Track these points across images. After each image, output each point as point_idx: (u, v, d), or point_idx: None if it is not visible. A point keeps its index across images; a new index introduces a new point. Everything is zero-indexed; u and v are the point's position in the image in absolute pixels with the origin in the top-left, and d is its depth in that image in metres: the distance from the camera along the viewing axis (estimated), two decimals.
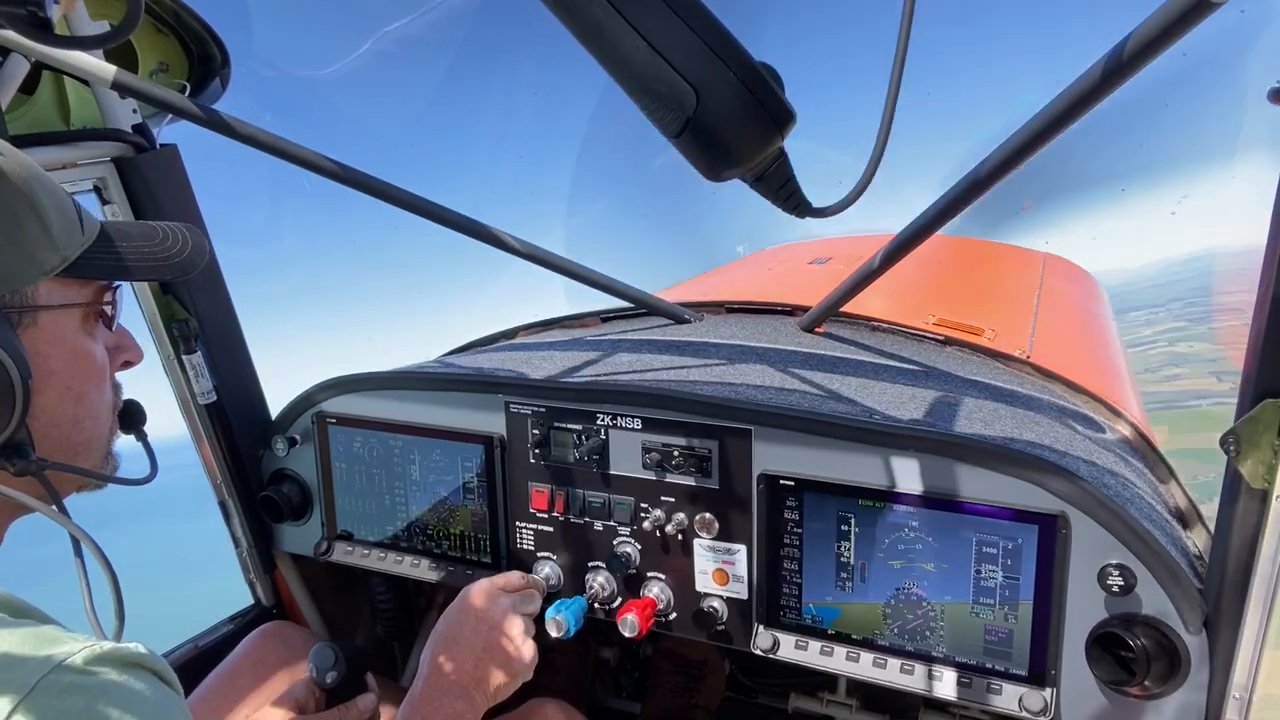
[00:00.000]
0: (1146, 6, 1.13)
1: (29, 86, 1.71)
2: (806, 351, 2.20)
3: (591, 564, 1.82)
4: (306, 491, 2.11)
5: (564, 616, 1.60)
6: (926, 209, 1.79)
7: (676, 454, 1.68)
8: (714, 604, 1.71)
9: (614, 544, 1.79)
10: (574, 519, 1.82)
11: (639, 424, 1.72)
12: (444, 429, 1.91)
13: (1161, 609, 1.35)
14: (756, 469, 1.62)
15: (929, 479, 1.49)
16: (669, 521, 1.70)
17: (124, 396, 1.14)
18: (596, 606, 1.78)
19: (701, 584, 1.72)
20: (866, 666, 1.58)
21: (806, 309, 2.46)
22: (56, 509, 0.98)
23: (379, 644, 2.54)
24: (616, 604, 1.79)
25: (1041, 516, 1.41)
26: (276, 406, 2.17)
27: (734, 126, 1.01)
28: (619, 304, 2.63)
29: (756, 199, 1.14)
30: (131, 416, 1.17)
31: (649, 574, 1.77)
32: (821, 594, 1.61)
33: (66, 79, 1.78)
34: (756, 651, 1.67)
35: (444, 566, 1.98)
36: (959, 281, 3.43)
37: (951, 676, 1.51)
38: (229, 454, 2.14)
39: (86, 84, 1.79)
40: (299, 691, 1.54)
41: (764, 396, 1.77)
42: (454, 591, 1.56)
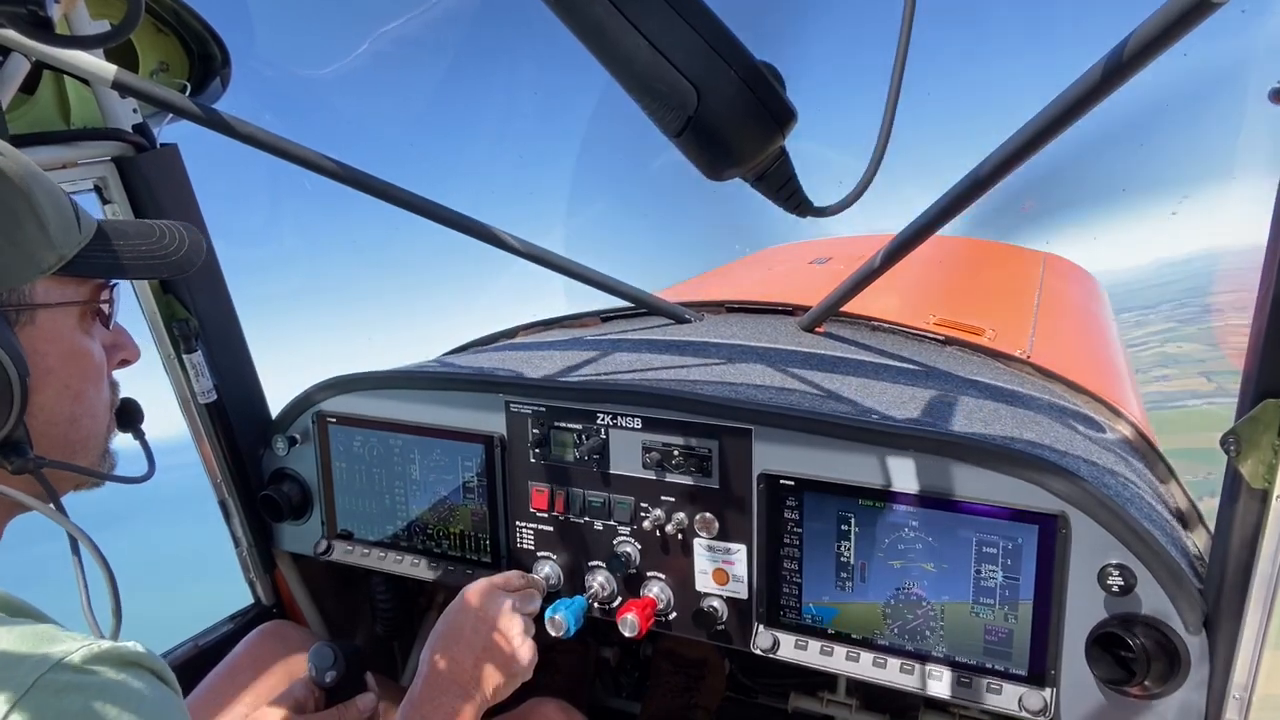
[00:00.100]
0: (1147, 6, 1.13)
1: (29, 86, 1.71)
2: (807, 351, 2.20)
3: (591, 563, 1.82)
4: (306, 491, 2.11)
5: (564, 616, 1.59)
6: (927, 209, 1.79)
7: (676, 453, 1.68)
8: (714, 604, 1.71)
9: (614, 544, 1.79)
10: (574, 518, 1.82)
11: (639, 423, 1.72)
12: (444, 428, 1.91)
13: (1161, 609, 1.35)
14: (756, 469, 1.62)
15: (929, 479, 1.49)
16: (669, 521, 1.70)
17: (121, 395, 1.14)
18: (596, 606, 1.78)
19: (701, 584, 1.72)
20: (866, 666, 1.58)
21: (807, 309, 2.46)
22: (54, 507, 0.98)
23: (379, 643, 2.54)
24: (616, 603, 1.79)
25: (1041, 516, 1.40)
26: (277, 406, 2.17)
27: (735, 125, 1.01)
28: (619, 304, 2.63)
29: (757, 198, 1.14)
30: (129, 415, 1.16)
31: (649, 573, 1.77)
32: (821, 594, 1.61)
33: (67, 78, 1.78)
34: (756, 651, 1.67)
35: (444, 566, 1.98)
36: (959, 281, 3.43)
37: (951, 676, 1.51)
38: (229, 453, 2.14)
39: (87, 83, 1.79)
40: (298, 691, 1.53)
41: (764, 396, 1.76)
42: (454, 591, 1.56)
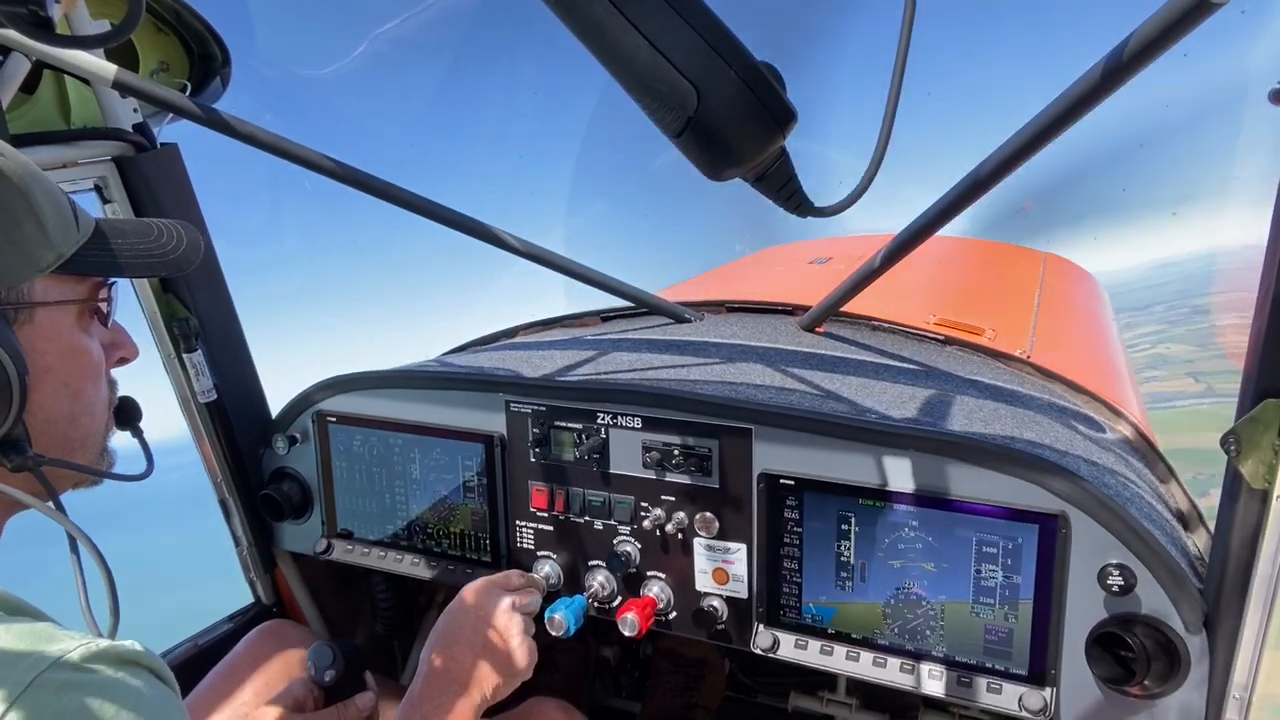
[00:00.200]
0: (1147, 6, 1.13)
1: (30, 85, 1.71)
2: (807, 351, 2.20)
3: (591, 563, 1.82)
4: (307, 490, 2.11)
5: (564, 615, 1.59)
6: (927, 209, 1.79)
7: (676, 453, 1.68)
8: (714, 603, 1.71)
9: (614, 543, 1.79)
10: (574, 518, 1.82)
11: (639, 423, 1.72)
12: (444, 428, 1.91)
13: (1161, 609, 1.35)
14: (756, 468, 1.62)
15: (929, 478, 1.49)
16: (669, 521, 1.70)
17: (120, 393, 1.14)
18: (596, 605, 1.78)
19: (701, 583, 1.72)
20: (866, 666, 1.58)
21: (807, 308, 2.45)
22: (53, 506, 0.98)
23: (379, 643, 2.54)
24: (616, 603, 1.79)
25: (1042, 516, 1.41)
26: (277, 405, 2.17)
27: (735, 126, 1.00)
28: (619, 303, 2.63)
29: (757, 198, 1.14)
30: (127, 413, 1.17)
31: (649, 573, 1.77)
32: (821, 593, 1.61)
33: (67, 78, 1.78)
34: (756, 651, 1.67)
35: (444, 565, 1.98)
36: (959, 281, 3.43)
37: (951, 676, 1.51)
38: (229, 452, 2.14)
39: (87, 83, 1.79)
40: (298, 690, 1.54)
41: (764, 396, 1.76)
42: (454, 590, 1.56)
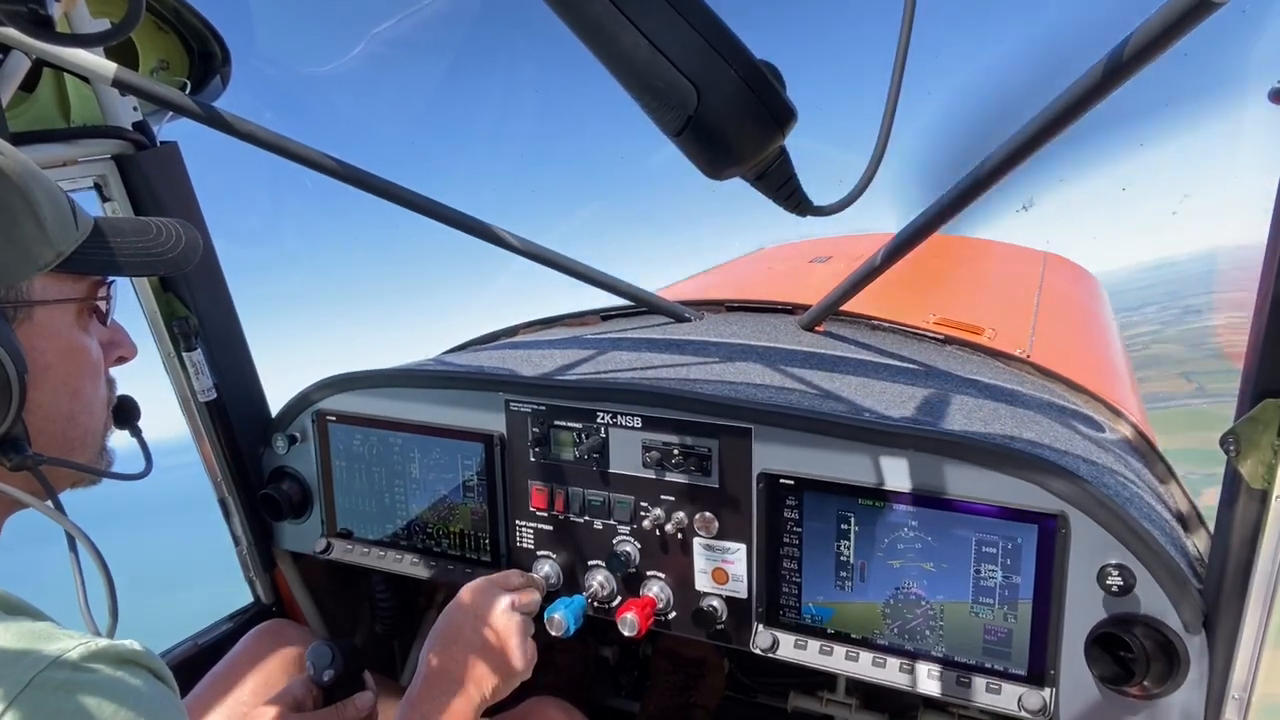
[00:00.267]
0: (1147, 6, 1.13)
1: (30, 84, 1.71)
2: (806, 350, 2.20)
3: (591, 563, 1.82)
4: (306, 489, 2.11)
5: (563, 615, 1.59)
6: (927, 208, 1.79)
7: (676, 453, 1.68)
8: (713, 603, 1.71)
9: (613, 543, 1.79)
10: (573, 517, 1.82)
11: (639, 422, 1.72)
12: (444, 427, 1.91)
13: (1161, 609, 1.35)
14: (756, 468, 1.62)
15: (929, 478, 1.49)
16: (668, 520, 1.70)
17: (119, 392, 1.14)
18: (596, 605, 1.78)
19: (701, 583, 1.72)
20: (866, 666, 1.58)
21: (807, 308, 2.45)
22: (52, 505, 0.98)
23: (379, 642, 2.54)
24: (616, 603, 1.79)
25: (1041, 516, 1.40)
26: (277, 405, 2.17)
27: (735, 125, 1.00)
28: (619, 302, 2.63)
29: (757, 197, 1.13)
30: (126, 412, 1.17)
31: (648, 573, 1.77)
32: (821, 593, 1.61)
33: (67, 76, 1.78)
34: (756, 651, 1.67)
35: (444, 565, 1.98)
36: (959, 281, 3.43)
37: (950, 676, 1.51)
38: (229, 452, 2.14)
39: (87, 81, 1.79)
40: (296, 689, 1.53)
41: (764, 395, 1.76)
42: (454, 590, 1.56)
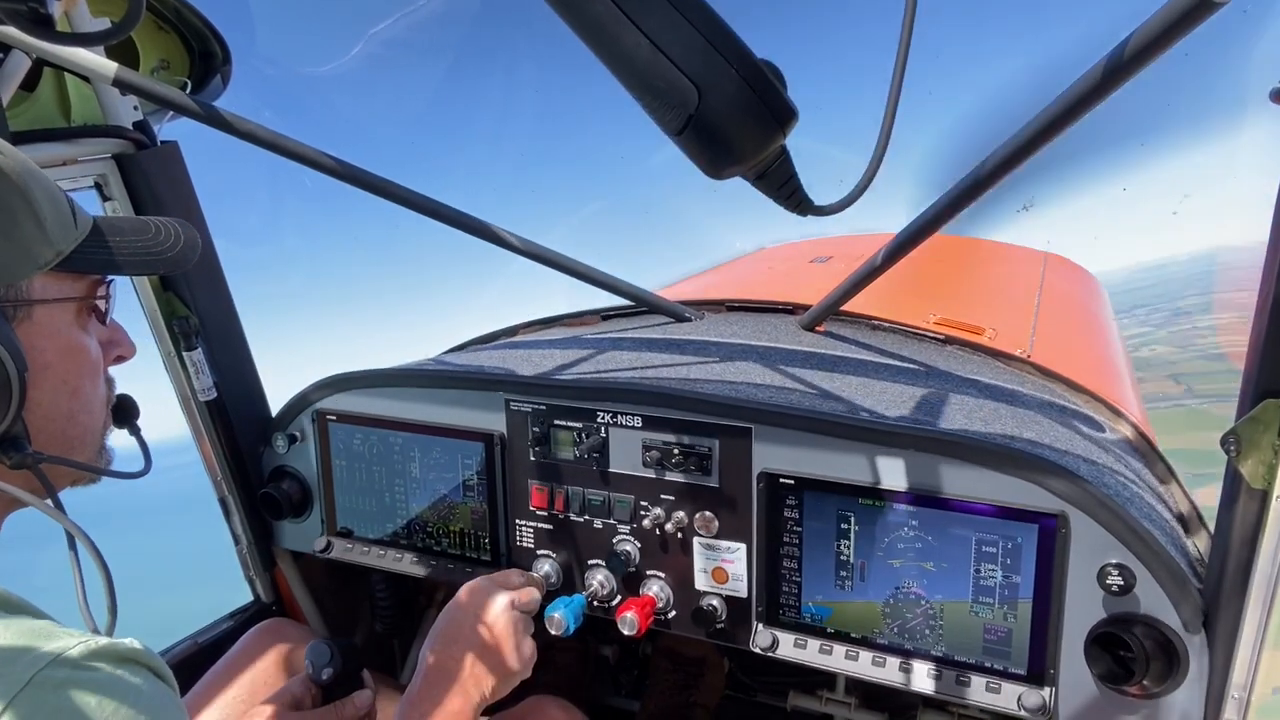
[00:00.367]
0: (1147, 6, 1.13)
1: (30, 83, 1.71)
2: (807, 350, 2.20)
3: (591, 562, 1.82)
4: (306, 488, 2.11)
5: (563, 614, 1.59)
6: (928, 208, 1.79)
7: (676, 452, 1.68)
8: (713, 602, 1.71)
9: (613, 542, 1.79)
10: (573, 517, 1.82)
11: (639, 422, 1.72)
12: (444, 426, 1.91)
13: (1160, 609, 1.35)
14: (756, 467, 1.62)
15: (929, 478, 1.49)
16: (668, 520, 1.70)
17: (118, 391, 1.14)
18: (595, 604, 1.78)
19: (701, 582, 1.72)
20: (865, 665, 1.58)
21: (807, 308, 2.46)
22: (51, 504, 0.98)
23: (379, 641, 2.54)
24: (616, 602, 1.79)
25: (1041, 516, 1.40)
26: (277, 404, 2.17)
27: (736, 124, 1.00)
28: (619, 302, 2.63)
29: (758, 197, 1.13)
30: (125, 411, 1.17)
31: (648, 572, 1.77)
32: (821, 592, 1.61)
33: (68, 76, 1.78)
34: (755, 650, 1.67)
35: (443, 564, 1.98)
36: (960, 281, 3.43)
37: (950, 675, 1.51)
38: (229, 451, 2.14)
39: (87, 81, 1.79)
40: (295, 688, 1.54)
41: (764, 395, 1.76)
42: (454, 589, 1.56)
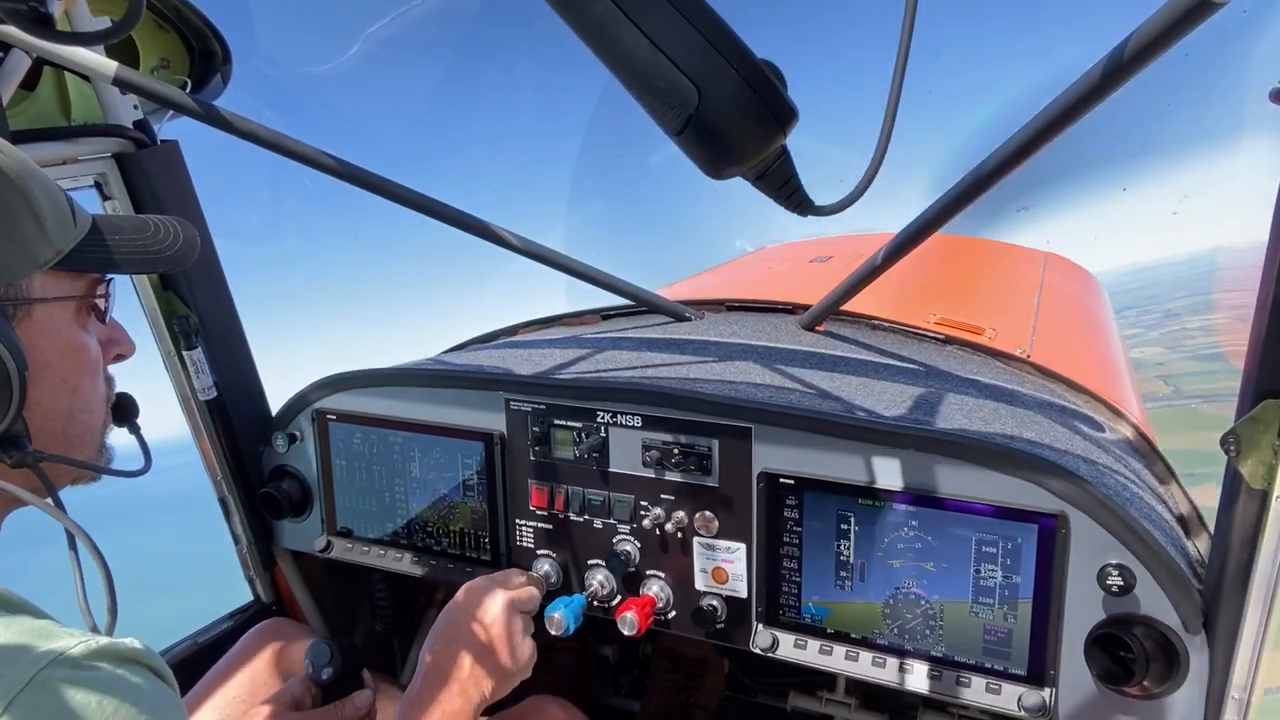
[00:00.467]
0: (1148, 6, 1.13)
1: (30, 82, 1.70)
2: (807, 350, 2.20)
3: (591, 562, 1.82)
4: (306, 488, 2.11)
5: (563, 614, 1.59)
6: (928, 208, 1.79)
7: (676, 452, 1.68)
8: (713, 602, 1.71)
9: (613, 542, 1.79)
10: (573, 517, 1.82)
11: (639, 422, 1.72)
12: (444, 426, 1.91)
13: (1160, 609, 1.35)
14: (756, 467, 1.62)
15: (928, 478, 1.49)
16: (668, 520, 1.70)
17: (117, 390, 1.14)
18: (595, 604, 1.78)
19: (701, 582, 1.72)
20: (865, 665, 1.58)
21: (807, 307, 2.45)
22: (52, 503, 0.98)
23: (379, 641, 2.54)
24: (616, 602, 1.79)
25: (1041, 516, 1.40)
26: (278, 404, 2.17)
27: (736, 124, 1.00)
28: (619, 301, 2.63)
29: (758, 196, 1.13)
30: (124, 409, 1.17)
31: (648, 572, 1.77)
32: (821, 593, 1.61)
33: (68, 75, 1.78)
34: (755, 650, 1.67)
35: (443, 564, 1.98)
36: (960, 280, 3.42)
37: (950, 676, 1.51)
38: (229, 450, 2.14)
39: (88, 80, 1.79)
40: (295, 688, 1.54)
41: (764, 395, 1.76)
42: (454, 589, 1.56)
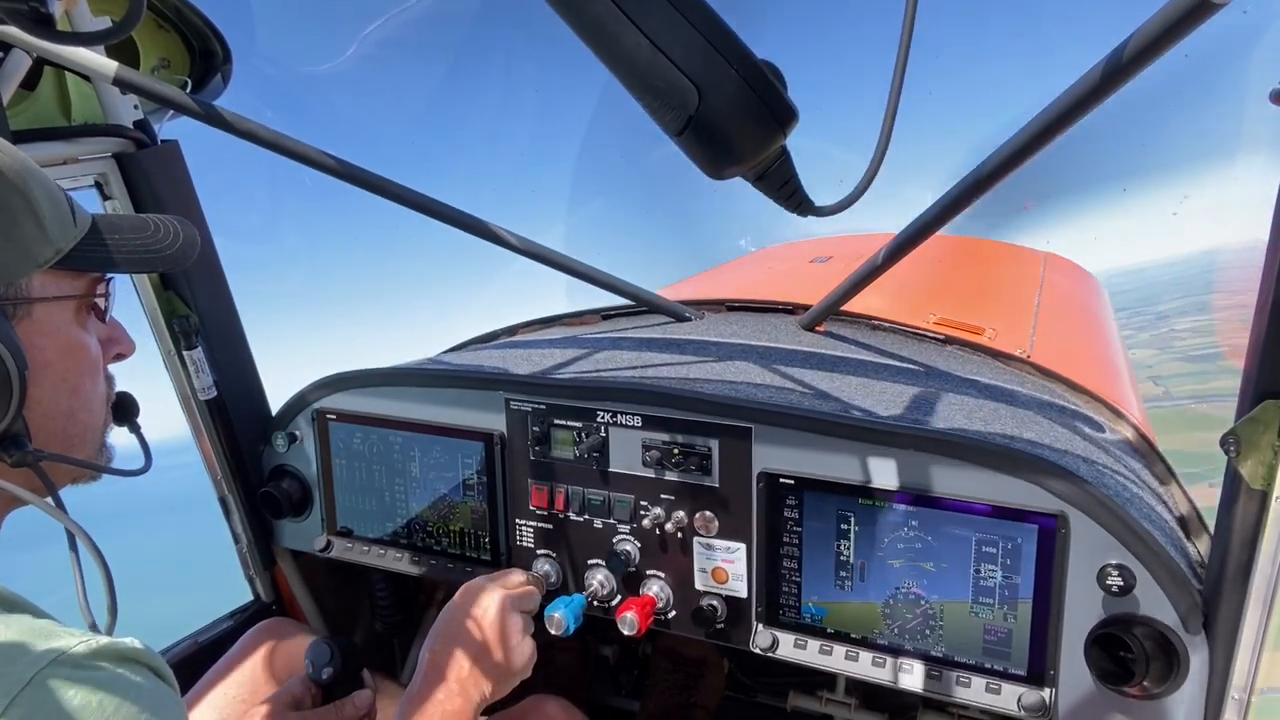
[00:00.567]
0: (1148, 7, 1.13)
1: (30, 82, 1.71)
2: (807, 350, 2.20)
3: (591, 562, 1.82)
4: (306, 488, 2.11)
5: (563, 614, 1.59)
6: (928, 208, 1.79)
7: (676, 452, 1.68)
8: (713, 602, 1.71)
9: (613, 542, 1.79)
10: (573, 516, 1.82)
11: (639, 422, 1.72)
12: (444, 426, 1.91)
13: (1160, 609, 1.35)
14: (756, 467, 1.62)
15: (928, 478, 1.49)
16: (668, 519, 1.70)
17: (117, 389, 1.14)
18: (595, 604, 1.78)
19: (701, 582, 1.72)
20: (865, 665, 1.58)
21: (807, 308, 2.46)
22: (52, 502, 0.98)
23: (378, 641, 2.54)
24: (615, 602, 1.79)
25: (1041, 516, 1.40)
26: (278, 403, 2.17)
27: (736, 124, 1.00)
28: (619, 301, 2.63)
29: (758, 196, 1.14)
30: (125, 409, 1.17)
31: (648, 572, 1.77)
32: (821, 593, 1.61)
33: (68, 75, 1.78)
34: (755, 650, 1.67)
35: (443, 563, 1.98)
36: (960, 281, 3.42)
37: (950, 676, 1.51)
38: (229, 450, 2.14)
39: (88, 80, 1.79)
40: (295, 687, 1.54)
41: (764, 395, 1.76)
42: (454, 588, 1.56)
